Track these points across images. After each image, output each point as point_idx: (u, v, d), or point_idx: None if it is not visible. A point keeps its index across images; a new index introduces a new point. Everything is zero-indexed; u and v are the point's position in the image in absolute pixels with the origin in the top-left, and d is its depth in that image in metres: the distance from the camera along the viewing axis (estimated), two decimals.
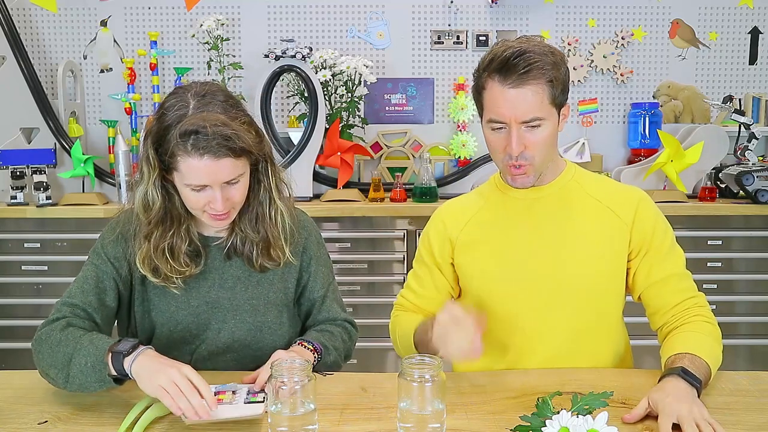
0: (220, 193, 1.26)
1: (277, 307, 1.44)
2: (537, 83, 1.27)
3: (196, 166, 1.22)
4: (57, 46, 3.26)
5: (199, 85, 1.30)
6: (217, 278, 1.40)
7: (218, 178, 1.24)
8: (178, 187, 1.30)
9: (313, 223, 1.53)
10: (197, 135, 1.20)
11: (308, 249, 1.47)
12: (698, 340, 1.29)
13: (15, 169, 2.89)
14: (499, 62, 1.27)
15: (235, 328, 1.40)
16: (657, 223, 1.40)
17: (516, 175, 1.35)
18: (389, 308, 1.59)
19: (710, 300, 1.43)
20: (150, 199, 1.31)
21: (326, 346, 1.39)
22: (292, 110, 3.23)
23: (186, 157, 1.22)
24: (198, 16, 3.13)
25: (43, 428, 1.13)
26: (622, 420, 1.12)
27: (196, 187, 1.25)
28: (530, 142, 1.30)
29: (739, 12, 3.27)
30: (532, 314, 1.39)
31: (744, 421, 1.12)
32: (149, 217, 1.32)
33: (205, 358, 1.40)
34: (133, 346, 1.16)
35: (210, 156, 1.21)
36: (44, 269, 2.86)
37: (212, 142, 1.20)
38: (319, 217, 2.78)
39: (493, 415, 1.16)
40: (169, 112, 1.25)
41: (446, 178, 3.20)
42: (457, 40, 3.27)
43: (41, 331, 1.27)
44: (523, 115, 1.28)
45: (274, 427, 1.04)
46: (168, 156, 1.24)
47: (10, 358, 2.86)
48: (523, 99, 1.27)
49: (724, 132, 3.00)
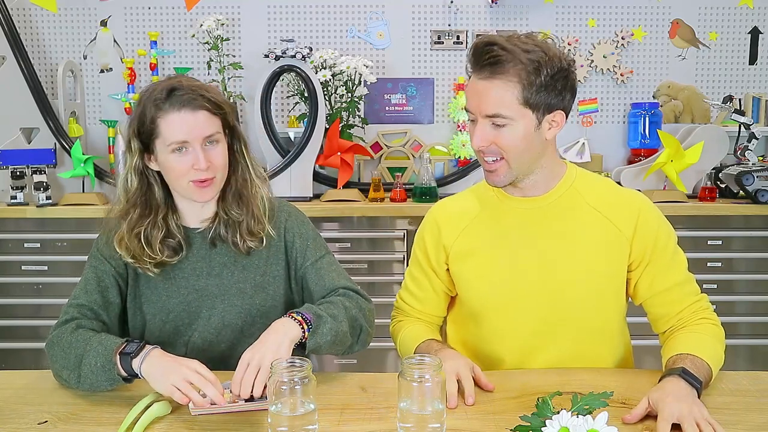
0: (201, 151, 1.31)
1: (265, 289, 1.44)
2: (505, 80, 1.23)
3: (175, 120, 1.29)
4: (57, 46, 3.26)
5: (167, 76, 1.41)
6: (204, 266, 1.42)
7: (197, 133, 1.30)
8: (162, 163, 1.34)
9: (291, 206, 1.54)
10: (173, 91, 1.30)
11: (290, 229, 1.47)
12: (700, 340, 1.28)
13: (15, 169, 2.89)
14: (472, 50, 1.28)
15: (224, 312, 1.42)
16: (659, 232, 1.36)
17: (487, 172, 1.33)
18: (389, 308, 1.59)
19: (710, 300, 1.43)
20: (129, 181, 1.38)
21: (319, 315, 1.28)
22: (292, 110, 3.23)
23: (165, 116, 1.30)
24: (198, 16, 3.13)
25: (43, 428, 1.13)
26: (622, 420, 1.12)
27: (178, 144, 1.30)
28: (496, 139, 1.27)
29: (739, 12, 3.27)
30: (528, 326, 1.38)
31: (744, 421, 1.12)
32: (127, 197, 1.38)
33: (200, 348, 1.41)
34: (139, 348, 1.20)
35: (187, 109, 1.29)
36: (44, 269, 2.85)
37: (187, 94, 1.29)
38: (319, 217, 2.79)
39: (493, 415, 1.15)
40: (144, 96, 1.34)
41: (446, 178, 3.19)
42: (457, 40, 3.27)
43: (53, 334, 1.31)
44: (486, 109, 1.26)
45: (274, 427, 1.04)
46: (149, 123, 1.31)
47: (10, 358, 2.86)
48: (488, 93, 1.25)
49: (724, 132, 3.00)
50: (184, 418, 1.15)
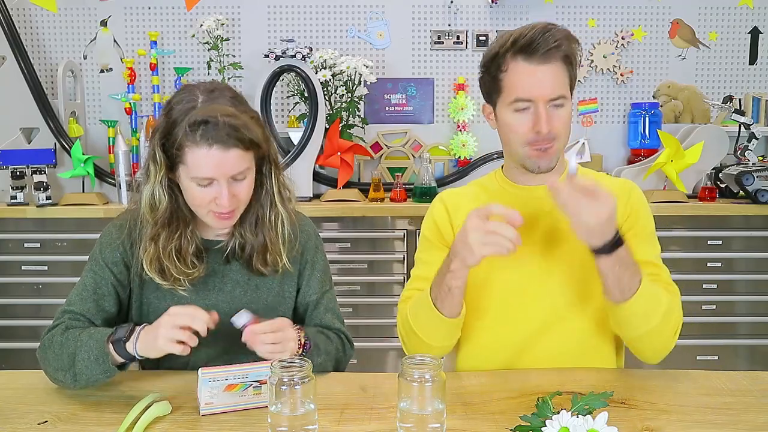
0: (227, 188, 1.25)
1: (276, 312, 1.42)
2: (561, 61, 1.29)
3: (204, 157, 1.21)
4: (57, 46, 3.26)
5: (207, 83, 1.31)
6: (217, 282, 1.39)
7: (225, 171, 1.23)
8: (184, 184, 1.28)
9: (314, 227, 1.51)
10: (207, 125, 1.20)
11: (305, 253, 1.46)
12: (653, 281, 1.28)
13: (15, 169, 2.89)
14: (527, 41, 1.28)
15: (232, 331, 1.38)
16: (640, 213, 1.40)
17: (541, 157, 1.33)
18: (389, 308, 1.59)
19: (710, 300, 1.42)
20: (157, 198, 1.29)
21: (318, 346, 1.35)
22: (292, 110, 3.23)
23: (194, 148, 1.22)
24: (198, 16, 3.13)
25: (43, 428, 1.13)
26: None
27: (203, 180, 1.24)
28: (556, 122, 1.30)
29: (739, 12, 3.27)
30: (529, 315, 1.38)
31: (744, 421, 1.12)
32: (156, 218, 1.31)
33: (204, 364, 1.37)
34: (129, 331, 1.20)
35: (219, 146, 1.21)
36: (44, 269, 2.85)
37: (222, 131, 1.20)
38: (319, 217, 2.79)
39: (493, 415, 1.15)
40: (177, 107, 1.26)
41: (446, 178, 3.20)
42: (457, 40, 3.27)
43: (43, 339, 1.29)
44: (552, 93, 1.28)
45: (274, 427, 1.04)
46: (175, 149, 1.24)
47: (10, 358, 2.86)
48: (551, 76, 1.28)
49: (724, 132, 3.00)
50: (185, 418, 1.15)
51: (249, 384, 1.20)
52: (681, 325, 1.32)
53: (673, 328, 1.30)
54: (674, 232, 2.80)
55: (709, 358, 2.83)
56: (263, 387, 1.19)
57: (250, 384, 1.20)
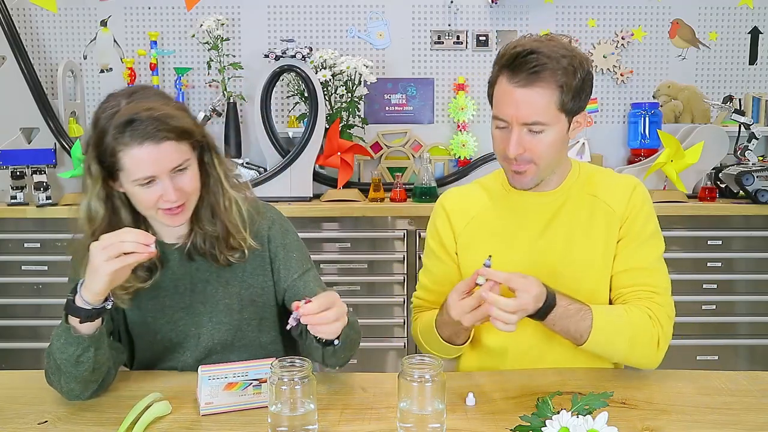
0: (170, 182, 1.22)
1: (255, 302, 1.41)
2: (545, 86, 1.23)
3: (139, 156, 1.19)
4: (57, 46, 3.26)
5: (127, 87, 1.30)
6: (187, 283, 1.37)
7: (164, 165, 1.21)
8: (129, 191, 1.26)
9: (276, 211, 1.48)
10: (132, 123, 1.18)
11: (273, 238, 1.42)
12: (610, 309, 1.30)
13: (15, 169, 2.89)
14: (509, 58, 1.25)
15: (213, 330, 1.38)
16: (642, 211, 1.37)
17: (514, 177, 1.34)
18: (389, 308, 1.59)
19: (710, 300, 1.42)
20: (93, 210, 1.27)
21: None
22: (292, 110, 3.23)
23: (127, 150, 1.19)
24: (198, 16, 3.13)
25: (43, 428, 1.13)
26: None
27: (144, 180, 1.21)
28: (531, 146, 1.27)
29: (739, 12, 3.27)
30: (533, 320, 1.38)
31: (744, 421, 1.12)
32: (93, 228, 1.27)
33: (192, 366, 1.36)
34: (74, 290, 1.16)
35: (150, 142, 1.19)
36: (44, 269, 2.85)
37: (149, 126, 1.18)
38: (319, 217, 2.78)
39: (493, 415, 1.15)
40: (102, 115, 1.24)
41: (446, 178, 3.19)
42: (457, 40, 3.27)
43: (45, 368, 1.24)
44: (526, 117, 1.25)
45: (274, 427, 1.04)
46: (110, 156, 1.21)
47: (10, 358, 2.86)
48: (528, 101, 1.24)
49: (724, 132, 2.99)
50: (184, 418, 1.15)
51: (249, 382, 1.20)
52: (666, 334, 1.31)
53: (649, 343, 1.29)
54: (674, 232, 2.79)
55: (709, 358, 2.83)
56: (263, 387, 1.20)
57: (250, 382, 1.20)
